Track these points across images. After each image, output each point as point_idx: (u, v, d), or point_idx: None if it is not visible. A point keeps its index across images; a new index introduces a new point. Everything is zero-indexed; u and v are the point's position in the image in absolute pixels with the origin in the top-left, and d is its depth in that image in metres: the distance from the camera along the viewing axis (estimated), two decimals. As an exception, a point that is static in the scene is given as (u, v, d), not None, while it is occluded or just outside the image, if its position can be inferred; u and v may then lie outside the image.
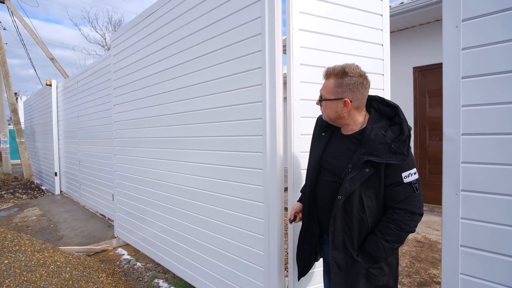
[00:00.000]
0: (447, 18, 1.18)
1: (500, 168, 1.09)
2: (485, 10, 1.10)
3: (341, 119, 1.38)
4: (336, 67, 1.34)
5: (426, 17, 4.63)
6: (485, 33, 1.10)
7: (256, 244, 2.03)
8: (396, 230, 1.26)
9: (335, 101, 1.34)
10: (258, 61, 1.95)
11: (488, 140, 1.11)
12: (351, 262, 1.34)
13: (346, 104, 1.33)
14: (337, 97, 1.34)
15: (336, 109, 1.36)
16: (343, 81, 1.32)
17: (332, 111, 1.37)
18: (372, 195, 1.31)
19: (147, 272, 3.23)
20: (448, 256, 1.21)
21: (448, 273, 1.21)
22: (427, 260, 3.08)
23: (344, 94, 1.33)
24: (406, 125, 1.28)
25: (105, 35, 14.49)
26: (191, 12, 2.50)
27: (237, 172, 2.15)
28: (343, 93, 1.33)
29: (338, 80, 1.33)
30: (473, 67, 1.13)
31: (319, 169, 1.46)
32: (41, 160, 8.60)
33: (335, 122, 1.43)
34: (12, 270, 2.42)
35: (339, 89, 1.33)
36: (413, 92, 4.98)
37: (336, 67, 1.33)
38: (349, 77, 1.31)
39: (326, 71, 1.37)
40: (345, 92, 1.32)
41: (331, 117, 1.40)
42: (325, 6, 1.98)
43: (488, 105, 1.11)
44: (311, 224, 1.53)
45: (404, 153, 1.24)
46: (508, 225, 1.07)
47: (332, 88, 1.34)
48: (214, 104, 2.31)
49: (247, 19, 2.01)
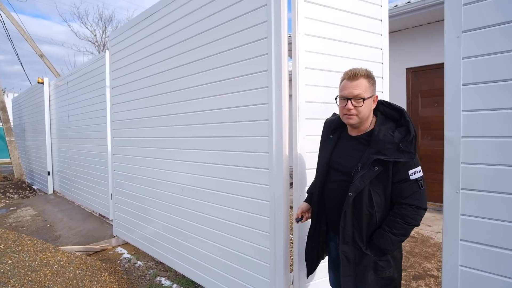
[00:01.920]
0: (449, 29, 1.27)
1: (496, 169, 1.18)
2: (484, 23, 1.19)
3: (368, 117, 1.46)
4: (360, 69, 1.42)
5: (419, 20, 4.77)
6: (484, 43, 1.19)
7: (262, 241, 2.10)
8: (403, 224, 1.36)
9: (370, 99, 1.43)
10: (264, 64, 2.01)
11: (486, 142, 1.21)
12: (360, 255, 1.43)
13: (375, 100, 1.45)
14: (372, 95, 1.44)
15: (370, 107, 1.45)
16: (371, 80, 1.43)
17: (368, 109, 1.44)
18: (381, 192, 1.40)
19: (149, 271, 3.27)
20: (448, 250, 1.30)
21: (449, 265, 1.30)
22: (421, 255, 3.22)
23: (374, 91, 1.45)
24: (412, 126, 1.37)
25: (95, 32, 14.25)
26: (196, 13, 2.54)
27: (243, 171, 2.21)
28: (373, 91, 1.44)
29: (369, 80, 1.43)
30: (473, 75, 1.22)
31: (328, 170, 1.54)
32: (32, 159, 8.45)
33: (362, 122, 1.46)
34: (16, 270, 2.43)
35: (372, 87, 1.43)
36: (406, 92, 5.13)
37: (361, 69, 1.43)
38: (372, 78, 1.44)
39: (353, 73, 1.42)
40: (374, 90, 1.45)
41: (366, 115, 1.44)
42: (329, 12, 2.06)
43: (486, 110, 1.20)
44: (320, 222, 1.62)
45: (411, 151, 1.33)
46: (504, 220, 1.17)
47: (368, 87, 1.42)
48: (220, 105, 2.36)
49: (253, 23, 2.07)
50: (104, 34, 14.78)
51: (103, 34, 14.76)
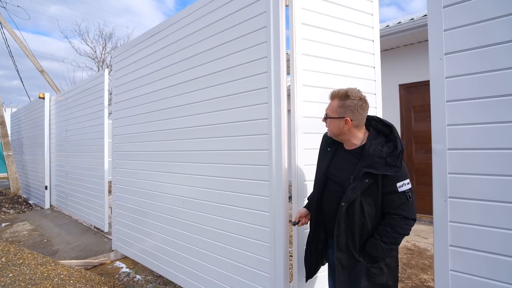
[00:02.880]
0: (432, 52, 1.40)
1: (481, 178, 1.29)
2: (462, 47, 1.32)
3: (343, 135, 1.58)
4: (340, 90, 1.54)
5: (409, 39, 5.01)
6: (462, 65, 1.33)
7: (262, 251, 2.16)
8: (393, 233, 1.45)
9: (338, 119, 1.54)
10: (264, 82, 2.14)
11: (470, 154, 1.32)
12: (353, 262, 1.51)
13: (347, 122, 1.53)
14: (340, 116, 1.54)
15: (339, 126, 1.55)
16: (345, 102, 1.52)
17: (335, 127, 1.57)
18: (371, 202, 1.49)
19: (148, 285, 3.27)
20: (439, 255, 1.38)
21: (440, 270, 1.38)
22: (418, 266, 3.27)
23: (346, 114, 1.53)
24: (400, 142, 1.48)
25: (95, 48, 14.56)
26: (199, 32, 2.69)
27: (244, 184, 2.29)
28: (345, 113, 1.53)
29: (341, 102, 1.53)
30: (455, 92, 1.35)
31: (325, 181, 1.64)
32: (29, 174, 8.43)
33: (338, 138, 1.62)
34: (17, 284, 2.44)
35: (341, 109, 1.53)
36: (399, 107, 5.31)
37: (341, 90, 1.54)
38: (351, 99, 1.52)
39: (331, 93, 1.58)
40: (346, 112, 1.53)
41: (334, 133, 1.60)
42: (324, 33, 2.21)
43: (468, 124, 1.32)
44: (318, 230, 1.70)
45: (397, 165, 1.44)
46: (488, 226, 1.26)
47: (336, 108, 1.54)
48: (222, 120, 2.47)
49: (254, 43, 2.21)
50: (104, 50, 15.10)
51: (103, 50, 15.08)
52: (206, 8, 2.62)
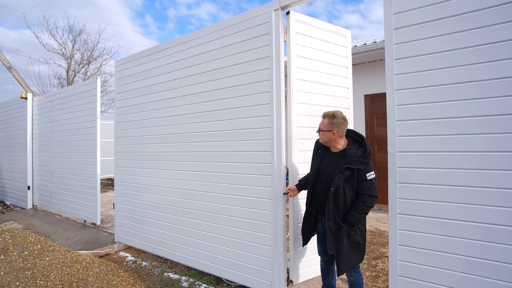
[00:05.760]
0: (388, 88, 2.12)
1: (417, 170, 2.03)
2: (406, 86, 2.06)
3: (331, 142, 2.28)
4: (329, 112, 2.24)
5: (373, 57, 5.93)
6: (406, 97, 2.06)
7: (265, 229, 2.79)
8: (363, 206, 2.17)
9: (327, 132, 2.24)
10: (267, 99, 2.77)
11: (411, 155, 2.06)
12: (338, 228, 2.21)
13: (334, 134, 2.23)
14: (329, 130, 2.23)
15: (328, 136, 2.25)
16: (333, 120, 2.23)
17: (325, 137, 2.27)
18: (350, 187, 2.20)
19: (155, 269, 3.74)
20: (392, 221, 2.11)
21: (392, 231, 2.11)
22: (378, 243, 4.11)
23: (333, 128, 2.23)
24: (368, 147, 2.20)
25: (65, 44, 14.07)
26: (209, 54, 3.24)
27: (250, 177, 2.91)
28: (332, 127, 2.23)
29: (330, 120, 2.23)
30: (403, 115, 2.08)
31: (317, 174, 2.33)
32: (4, 174, 8.27)
33: (327, 144, 2.31)
34: (54, 266, 2.84)
35: (330, 125, 2.23)
36: (365, 114, 6.22)
37: (329, 112, 2.23)
38: (336, 118, 2.22)
39: (323, 114, 2.28)
40: (333, 127, 2.23)
41: (324, 141, 2.29)
42: (313, 63, 2.91)
43: (410, 136, 2.06)
44: (311, 208, 2.38)
45: (367, 162, 2.17)
46: (422, 200, 2.01)
47: (327, 124, 2.24)
48: (232, 127, 3.04)
49: (259, 68, 2.83)
50: (73, 48, 14.62)
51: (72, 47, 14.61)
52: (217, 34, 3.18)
